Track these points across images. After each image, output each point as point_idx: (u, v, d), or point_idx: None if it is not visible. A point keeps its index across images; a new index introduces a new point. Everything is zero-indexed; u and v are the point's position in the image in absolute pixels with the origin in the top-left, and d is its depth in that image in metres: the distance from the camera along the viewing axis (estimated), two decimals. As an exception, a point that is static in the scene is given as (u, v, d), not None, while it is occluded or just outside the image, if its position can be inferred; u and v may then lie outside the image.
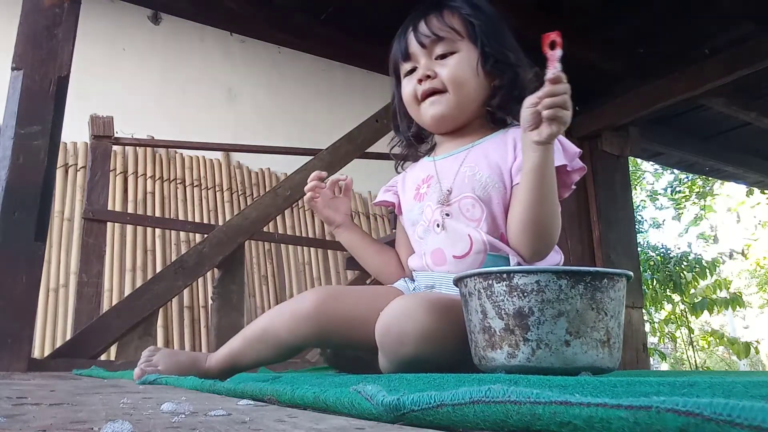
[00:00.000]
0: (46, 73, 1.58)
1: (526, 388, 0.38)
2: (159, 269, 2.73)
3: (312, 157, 2.22)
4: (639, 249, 3.81)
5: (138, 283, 2.74)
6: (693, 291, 5.80)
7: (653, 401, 0.31)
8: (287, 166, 3.15)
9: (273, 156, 3.31)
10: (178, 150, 3.21)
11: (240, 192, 3.34)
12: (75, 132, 2.66)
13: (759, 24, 2.50)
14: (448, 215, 1.08)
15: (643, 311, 3.36)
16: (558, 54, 0.84)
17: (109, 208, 2.48)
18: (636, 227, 3.51)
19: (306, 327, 0.99)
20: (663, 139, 3.50)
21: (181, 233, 3.08)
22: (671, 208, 8.76)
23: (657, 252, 5.92)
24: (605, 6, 2.54)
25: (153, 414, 0.46)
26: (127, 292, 2.71)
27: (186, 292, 2.91)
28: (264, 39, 3.39)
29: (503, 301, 0.77)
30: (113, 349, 1.88)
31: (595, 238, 3.02)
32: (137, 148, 3.09)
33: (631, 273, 0.81)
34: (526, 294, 0.76)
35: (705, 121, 3.46)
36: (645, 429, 0.31)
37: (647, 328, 5.72)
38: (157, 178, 3.13)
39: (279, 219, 3.28)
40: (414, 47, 1.13)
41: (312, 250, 3.42)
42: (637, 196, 8.90)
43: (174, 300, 2.80)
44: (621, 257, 3.00)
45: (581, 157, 1.05)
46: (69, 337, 1.98)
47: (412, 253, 1.18)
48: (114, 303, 2.51)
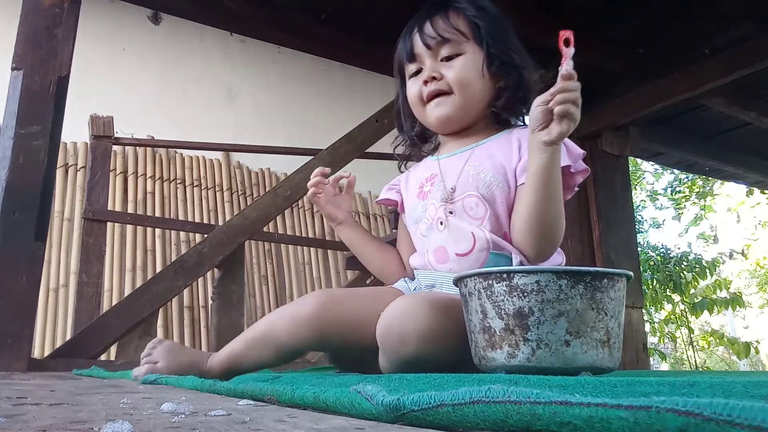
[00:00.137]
0: (46, 73, 1.57)
1: (526, 388, 0.38)
2: (159, 269, 2.73)
3: (312, 157, 2.22)
4: (639, 249, 3.80)
5: (138, 283, 2.74)
6: (693, 291, 5.80)
7: (653, 401, 0.31)
8: (287, 166, 3.15)
9: (273, 156, 3.31)
10: (178, 150, 3.21)
11: (240, 192, 3.34)
12: (75, 132, 2.66)
13: (759, 24, 2.50)
14: (451, 213, 1.08)
15: (643, 311, 3.36)
16: (571, 51, 0.84)
17: (109, 208, 2.48)
18: (636, 227, 3.51)
19: (306, 331, 0.99)
20: (663, 139, 3.50)
21: (181, 233, 3.08)
22: (671, 208, 8.76)
23: (657, 252, 5.92)
24: (605, 6, 2.54)
25: (153, 414, 0.46)
26: (127, 292, 2.71)
27: (186, 292, 2.91)
28: (264, 39, 3.39)
29: (503, 301, 0.77)
30: (113, 349, 1.88)
31: (595, 238, 3.01)
32: (137, 148, 3.09)
33: (631, 273, 0.80)
34: (526, 294, 0.76)
35: (705, 121, 3.46)
36: (645, 429, 0.31)
37: (647, 328, 5.72)
38: (157, 178, 3.13)
39: (279, 219, 3.28)
40: (419, 48, 1.13)
41: (312, 250, 3.42)
42: (637, 196, 8.90)
43: (174, 300, 2.80)
44: (621, 257, 3.00)
45: (584, 160, 1.06)
46: (69, 337, 1.98)
47: (413, 252, 1.18)
48: (114, 303, 2.51)
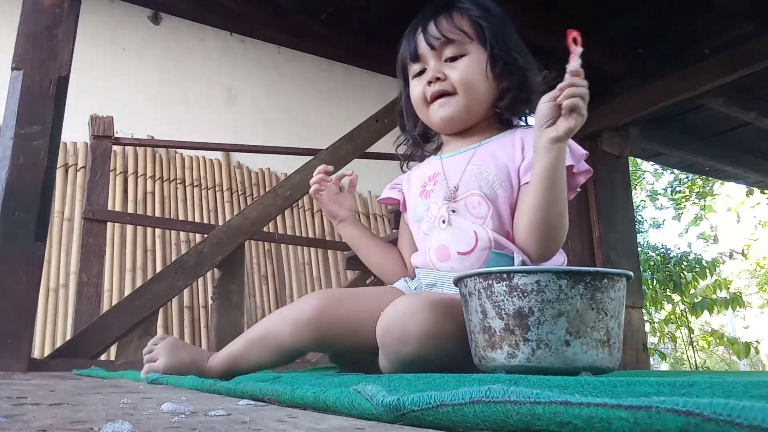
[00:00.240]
0: (46, 73, 1.57)
1: (526, 388, 0.38)
2: (159, 269, 2.73)
3: (312, 157, 2.22)
4: (639, 249, 3.80)
5: (138, 283, 2.74)
6: (693, 291, 5.80)
7: (653, 401, 0.31)
8: (287, 166, 3.15)
9: (273, 156, 3.31)
10: (178, 150, 3.21)
11: (240, 192, 3.34)
12: (75, 132, 2.66)
13: (759, 24, 2.50)
14: (454, 212, 1.08)
15: (643, 311, 3.36)
16: (579, 50, 0.86)
17: (109, 208, 2.48)
18: (636, 227, 3.51)
19: (307, 333, 0.99)
20: (663, 139, 3.50)
21: (181, 233, 3.08)
22: (671, 208, 8.76)
23: (657, 252, 5.92)
24: (605, 6, 2.54)
25: (153, 414, 0.46)
26: (127, 292, 2.71)
27: (186, 292, 2.91)
28: (264, 39, 3.40)
29: (503, 301, 0.77)
30: (113, 349, 1.87)
31: (595, 238, 3.01)
32: (137, 148, 3.09)
33: (631, 273, 0.80)
34: (526, 294, 0.76)
35: (705, 121, 3.46)
36: (645, 429, 0.31)
37: (647, 328, 5.72)
38: (157, 178, 3.13)
39: (279, 219, 3.28)
40: (423, 49, 1.13)
41: (312, 250, 3.42)
42: (637, 196, 8.90)
43: (174, 300, 2.80)
44: (621, 257, 3.00)
45: (585, 160, 1.06)
46: (69, 337, 1.98)
47: (414, 251, 1.17)
48: (114, 303, 2.51)
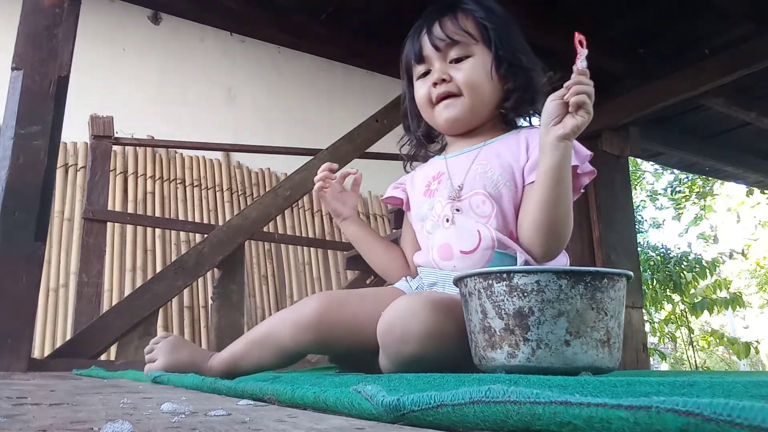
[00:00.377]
0: (46, 73, 1.57)
1: (526, 388, 0.38)
2: (159, 269, 2.73)
3: (312, 157, 2.22)
4: (639, 249, 3.80)
5: (138, 283, 2.74)
6: (693, 291, 5.80)
7: (653, 401, 0.31)
8: (287, 166, 3.15)
9: (273, 156, 3.31)
10: (178, 150, 3.21)
11: (240, 192, 3.34)
12: (75, 132, 2.66)
13: (759, 24, 2.50)
14: (458, 210, 1.08)
15: (643, 311, 3.36)
16: (585, 52, 0.87)
17: (109, 208, 2.48)
18: (636, 227, 3.51)
19: (307, 335, 0.99)
20: (663, 139, 3.49)
21: (181, 233, 3.08)
22: (671, 208, 8.76)
23: (657, 252, 5.92)
24: (605, 6, 2.54)
25: (153, 414, 0.46)
26: (127, 292, 2.71)
27: (186, 292, 2.91)
28: (264, 39, 3.40)
29: (503, 301, 0.77)
30: (113, 349, 1.87)
31: (595, 238, 3.01)
32: (137, 148, 3.09)
33: (631, 273, 0.80)
34: (526, 294, 0.76)
35: (705, 121, 3.46)
36: (645, 429, 0.31)
37: (647, 328, 5.71)
38: (157, 178, 3.13)
39: (279, 219, 3.28)
40: (428, 50, 1.13)
41: (312, 250, 3.42)
42: (637, 196, 8.90)
43: (174, 300, 2.80)
44: (621, 257, 3.00)
45: (590, 161, 1.06)
46: (69, 337, 1.98)
47: (417, 250, 1.17)
48: (114, 303, 2.51)
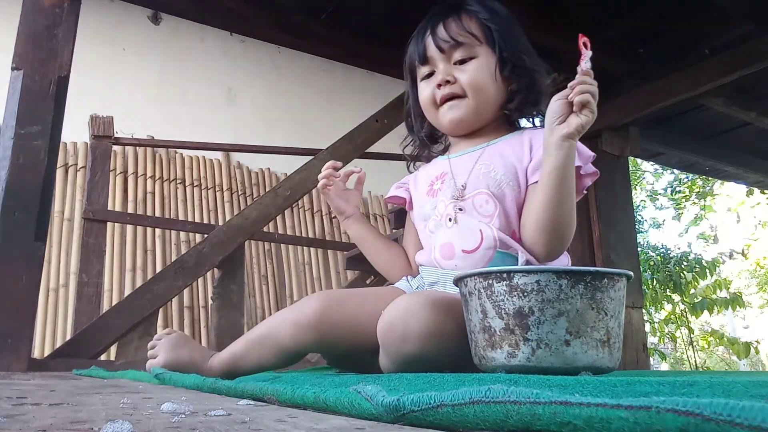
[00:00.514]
0: (46, 73, 1.57)
1: (526, 388, 0.38)
2: (159, 269, 2.73)
3: (312, 157, 2.22)
4: (639, 249, 3.80)
5: (138, 283, 2.74)
6: (693, 291, 5.80)
7: (653, 401, 0.31)
8: (287, 166, 3.15)
9: (273, 156, 3.31)
10: (178, 150, 3.21)
11: (240, 192, 3.34)
12: (75, 132, 2.66)
13: (759, 24, 2.50)
14: (461, 210, 1.08)
15: (643, 311, 3.36)
16: (589, 53, 0.88)
17: (109, 208, 2.48)
18: (636, 227, 3.51)
19: (307, 335, 0.99)
20: (663, 139, 3.50)
21: (181, 233, 3.08)
22: (671, 208, 8.76)
23: (657, 252, 5.92)
24: (605, 6, 2.54)
25: (153, 414, 0.46)
26: (127, 292, 2.71)
27: (186, 292, 2.91)
28: (264, 39, 3.40)
29: (503, 301, 0.77)
30: (113, 349, 1.87)
31: (595, 238, 3.01)
32: (137, 148, 3.09)
33: (631, 273, 0.81)
34: (526, 294, 0.76)
35: (705, 121, 3.46)
36: (645, 429, 0.31)
37: (647, 328, 5.71)
38: (157, 178, 3.13)
39: (279, 219, 3.28)
40: (432, 51, 1.13)
41: (312, 250, 3.42)
42: (637, 196, 8.90)
43: (174, 300, 2.80)
44: (621, 257, 3.00)
45: (592, 162, 1.06)
46: (69, 337, 1.98)
47: (419, 250, 1.18)
48: (114, 303, 2.51)
